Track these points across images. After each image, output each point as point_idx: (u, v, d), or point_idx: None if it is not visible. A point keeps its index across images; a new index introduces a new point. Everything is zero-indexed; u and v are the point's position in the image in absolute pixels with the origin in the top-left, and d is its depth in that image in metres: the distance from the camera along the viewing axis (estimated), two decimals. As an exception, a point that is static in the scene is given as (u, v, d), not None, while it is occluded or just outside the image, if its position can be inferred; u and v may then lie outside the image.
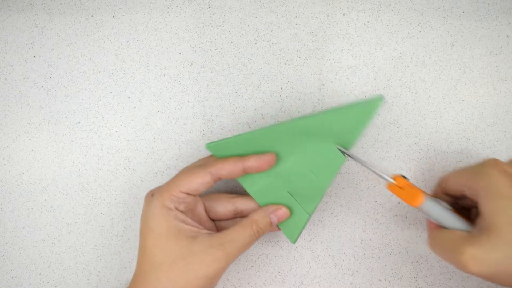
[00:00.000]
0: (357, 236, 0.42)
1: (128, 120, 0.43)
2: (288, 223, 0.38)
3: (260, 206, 0.38)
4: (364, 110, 0.36)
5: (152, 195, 0.36)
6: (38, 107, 0.43)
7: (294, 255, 0.42)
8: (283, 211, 0.37)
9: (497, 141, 0.43)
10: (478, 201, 0.32)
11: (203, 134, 0.43)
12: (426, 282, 0.42)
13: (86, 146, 0.43)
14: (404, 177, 0.35)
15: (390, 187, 0.35)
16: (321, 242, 0.42)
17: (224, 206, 0.39)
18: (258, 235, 0.36)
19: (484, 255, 0.30)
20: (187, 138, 0.43)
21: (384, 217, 0.42)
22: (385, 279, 0.42)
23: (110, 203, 0.43)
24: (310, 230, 0.42)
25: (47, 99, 0.43)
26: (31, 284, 0.42)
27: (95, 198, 0.43)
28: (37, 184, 0.43)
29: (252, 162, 0.36)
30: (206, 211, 0.39)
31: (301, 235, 0.42)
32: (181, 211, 0.36)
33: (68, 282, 0.42)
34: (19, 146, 0.43)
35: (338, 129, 0.36)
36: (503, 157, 0.42)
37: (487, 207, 0.31)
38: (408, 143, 0.43)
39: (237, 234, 0.35)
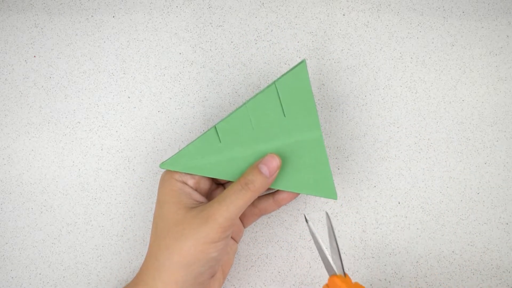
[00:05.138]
0: (357, 236, 0.42)
1: (128, 120, 0.43)
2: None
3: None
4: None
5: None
6: (38, 107, 0.43)
7: (294, 255, 0.42)
8: (270, 156, 0.36)
9: (497, 141, 0.43)
10: None
11: (203, 134, 0.43)
12: (426, 282, 0.42)
13: (86, 146, 0.43)
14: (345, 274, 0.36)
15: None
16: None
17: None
18: (249, 188, 0.35)
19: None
20: (187, 138, 0.43)
21: (384, 217, 0.42)
22: (385, 279, 0.42)
23: (110, 203, 0.43)
24: (310, 230, 0.42)
25: (47, 99, 0.43)
26: (31, 284, 0.42)
27: (95, 198, 0.43)
28: (37, 184, 0.43)
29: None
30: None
31: (301, 235, 0.42)
32: (190, 186, 0.37)
33: (68, 282, 0.42)
34: (19, 146, 0.43)
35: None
36: (503, 157, 0.42)
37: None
38: (408, 143, 0.43)
39: (225, 192, 0.35)
